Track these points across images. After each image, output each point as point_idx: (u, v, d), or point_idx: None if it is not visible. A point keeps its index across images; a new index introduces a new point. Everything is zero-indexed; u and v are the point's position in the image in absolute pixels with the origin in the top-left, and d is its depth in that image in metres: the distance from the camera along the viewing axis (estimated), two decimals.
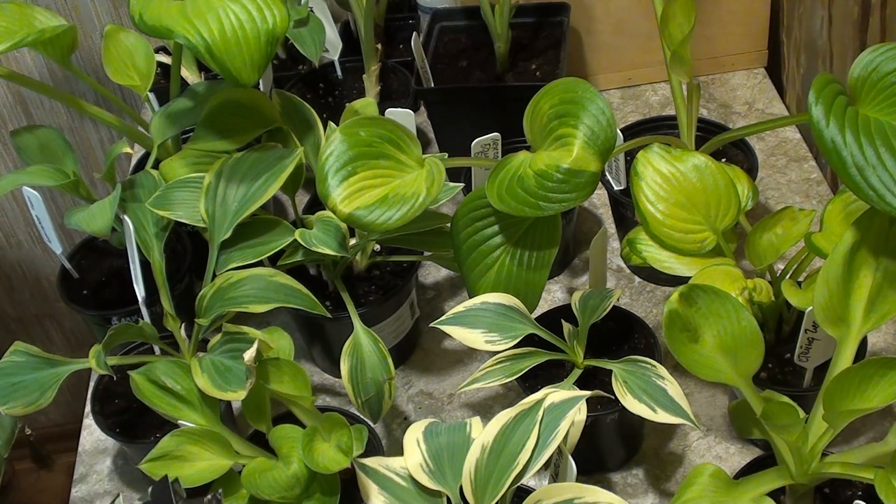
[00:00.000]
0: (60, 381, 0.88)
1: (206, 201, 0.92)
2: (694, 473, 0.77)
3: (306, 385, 0.83)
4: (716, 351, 0.77)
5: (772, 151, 1.26)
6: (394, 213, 0.82)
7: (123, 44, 1.09)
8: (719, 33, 1.35)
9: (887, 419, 0.95)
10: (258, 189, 0.91)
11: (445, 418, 1.02)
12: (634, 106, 1.37)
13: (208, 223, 0.91)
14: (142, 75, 1.08)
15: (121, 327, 0.86)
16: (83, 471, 1.03)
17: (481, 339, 0.85)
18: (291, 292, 0.88)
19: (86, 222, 0.93)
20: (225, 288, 0.88)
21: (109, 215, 0.92)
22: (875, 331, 0.86)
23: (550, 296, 1.12)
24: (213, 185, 0.92)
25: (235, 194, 0.92)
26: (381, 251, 1.05)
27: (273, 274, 0.88)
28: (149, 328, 0.89)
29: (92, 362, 0.85)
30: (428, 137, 1.33)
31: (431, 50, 1.29)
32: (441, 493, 0.74)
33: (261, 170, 0.92)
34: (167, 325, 0.91)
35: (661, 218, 0.90)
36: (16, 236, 1.74)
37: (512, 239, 0.89)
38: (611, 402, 0.87)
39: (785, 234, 0.89)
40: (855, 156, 0.70)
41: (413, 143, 0.86)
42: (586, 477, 0.93)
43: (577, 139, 0.83)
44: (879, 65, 0.73)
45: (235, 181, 0.92)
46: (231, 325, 0.87)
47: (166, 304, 0.91)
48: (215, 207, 0.92)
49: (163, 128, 1.03)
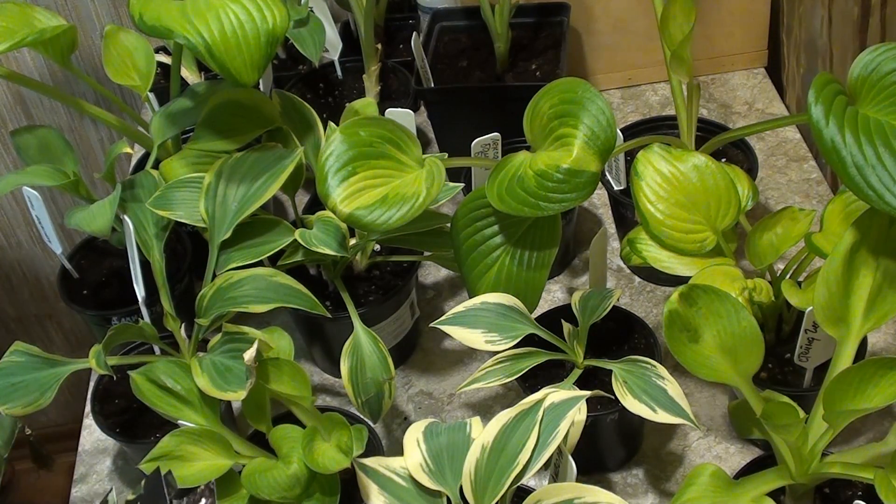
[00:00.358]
0: (60, 380, 0.88)
1: (205, 201, 0.92)
2: (694, 473, 0.77)
3: (306, 385, 0.83)
4: (716, 351, 0.77)
5: (772, 151, 1.26)
6: (394, 213, 0.82)
7: (123, 44, 1.09)
8: (719, 33, 1.36)
9: (887, 419, 0.95)
10: (258, 189, 0.91)
11: (445, 418, 1.02)
12: (634, 106, 1.37)
13: (208, 223, 0.91)
14: (142, 75, 1.08)
15: (120, 327, 0.87)
16: (83, 471, 1.03)
17: (481, 339, 0.85)
18: (291, 292, 0.88)
19: (86, 222, 0.93)
20: (225, 288, 0.88)
21: (109, 215, 0.92)
22: (875, 331, 0.86)
23: (550, 296, 1.12)
24: (213, 185, 0.92)
25: (235, 194, 0.92)
26: (381, 251, 1.05)
27: (273, 274, 0.88)
28: (149, 328, 0.89)
29: (92, 362, 0.85)
30: (428, 137, 1.33)
31: (431, 50, 1.29)
32: (441, 493, 0.74)
33: (260, 170, 0.92)
34: (167, 326, 0.91)
35: (661, 218, 0.90)
36: (16, 236, 1.74)
37: (512, 239, 0.89)
38: (611, 402, 0.87)
39: (785, 234, 0.89)
40: (854, 155, 0.70)
41: (413, 143, 0.86)
42: (586, 477, 0.93)
43: (577, 139, 0.83)
44: (879, 65, 0.73)
45: (235, 181, 0.92)
46: (231, 326, 0.87)
47: (166, 305, 0.91)
48: (215, 207, 0.92)
49: (163, 128, 1.03)
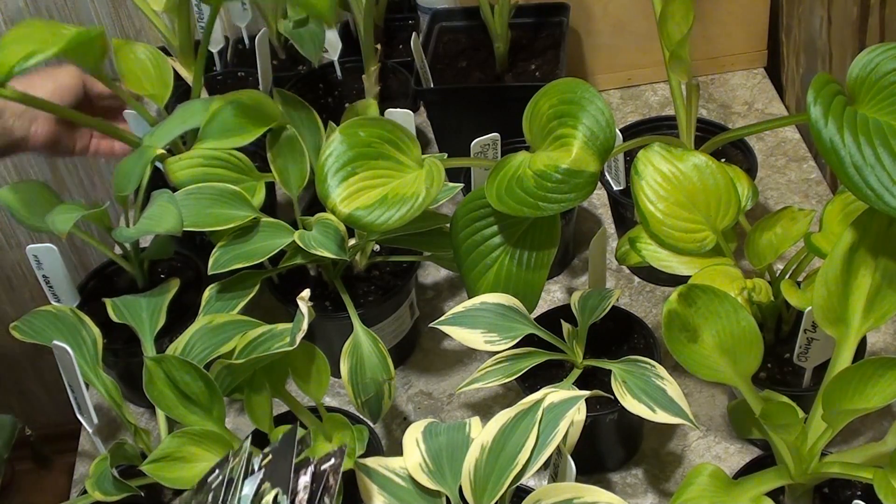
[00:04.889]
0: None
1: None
2: (693, 473, 0.77)
3: (326, 380, 0.83)
4: (715, 351, 0.77)
5: (771, 151, 1.26)
6: (393, 213, 0.82)
7: (136, 55, 1.08)
8: (719, 33, 1.36)
9: (886, 419, 0.95)
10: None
11: (445, 418, 1.02)
12: (634, 106, 1.37)
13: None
14: (162, 84, 1.08)
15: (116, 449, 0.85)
16: (83, 471, 1.03)
17: (481, 340, 0.85)
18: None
19: (153, 225, 0.91)
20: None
21: (176, 212, 0.91)
22: (874, 331, 0.86)
23: (550, 296, 1.12)
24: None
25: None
26: (381, 251, 1.05)
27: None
28: (132, 449, 0.87)
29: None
30: (428, 137, 1.33)
31: (431, 50, 1.29)
32: (440, 493, 0.74)
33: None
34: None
35: (661, 217, 0.90)
36: (16, 237, 1.74)
37: (511, 239, 0.89)
38: (610, 402, 0.87)
39: (784, 234, 0.90)
40: (853, 155, 0.70)
41: (412, 143, 0.86)
42: (585, 477, 0.93)
43: (577, 139, 0.83)
44: (878, 65, 0.73)
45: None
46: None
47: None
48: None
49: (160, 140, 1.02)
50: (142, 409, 1.08)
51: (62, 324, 0.93)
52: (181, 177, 0.98)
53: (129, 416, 0.89)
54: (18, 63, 0.87)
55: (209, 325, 0.89)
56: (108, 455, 0.83)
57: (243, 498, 0.63)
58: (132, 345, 0.98)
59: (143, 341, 0.94)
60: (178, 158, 1.00)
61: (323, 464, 0.64)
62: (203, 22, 1.32)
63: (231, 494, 0.63)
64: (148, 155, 0.97)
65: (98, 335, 0.92)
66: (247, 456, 0.66)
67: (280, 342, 0.82)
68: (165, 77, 1.08)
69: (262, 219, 0.95)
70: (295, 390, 0.91)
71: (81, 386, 0.87)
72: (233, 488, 0.64)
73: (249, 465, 0.65)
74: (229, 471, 0.65)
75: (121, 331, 0.98)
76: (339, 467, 0.64)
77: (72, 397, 0.88)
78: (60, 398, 0.92)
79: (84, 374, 0.88)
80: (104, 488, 0.82)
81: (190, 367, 0.80)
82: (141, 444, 0.89)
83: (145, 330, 0.95)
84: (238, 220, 0.93)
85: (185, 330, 0.89)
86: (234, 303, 0.95)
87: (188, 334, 0.89)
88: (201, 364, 0.85)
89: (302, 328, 0.76)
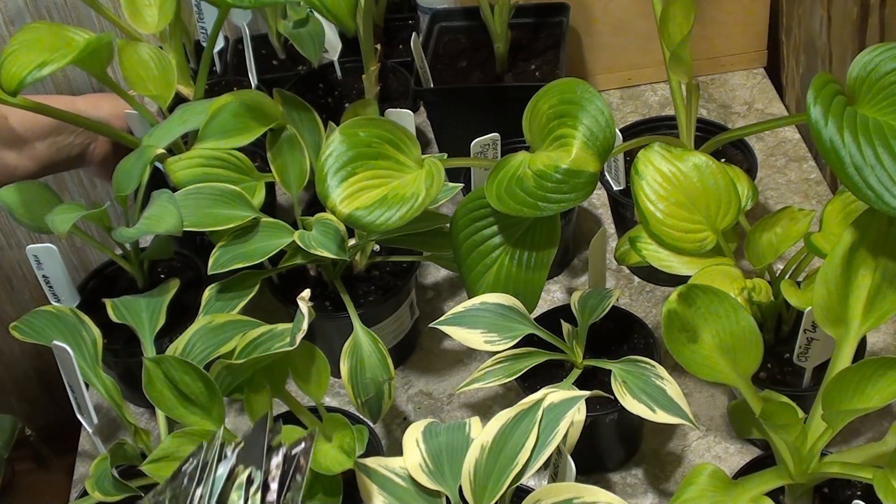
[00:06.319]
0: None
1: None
2: (693, 473, 0.77)
3: (326, 381, 0.83)
4: (715, 351, 0.77)
5: (771, 151, 1.26)
6: (393, 213, 0.82)
7: (139, 56, 1.08)
8: (718, 34, 1.36)
9: (886, 419, 0.95)
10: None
11: (445, 418, 1.02)
12: (634, 106, 1.37)
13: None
14: (165, 85, 1.08)
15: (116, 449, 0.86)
16: (83, 471, 1.03)
17: (480, 340, 0.85)
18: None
19: (153, 225, 0.91)
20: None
21: (176, 212, 0.91)
22: (874, 331, 0.86)
23: (550, 296, 1.12)
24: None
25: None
26: (381, 251, 1.05)
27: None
28: (132, 449, 0.88)
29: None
30: (427, 137, 1.33)
31: (431, 50, 1.29)
32: (440, 493, 0.75)
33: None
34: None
35: (661, 217, 0.90)
36: (16, 237, 1.74)
37: (511, 239, 0.89)
38: (610, 402, 0.87)
39: (784, 234, 0.90)
40: (853, 156, 0.70)
41: (412, 143, 0.86)
42: (585, 477, 0.93)
43: (576, 139, 0.83)
44: (878, 65, 0.73)
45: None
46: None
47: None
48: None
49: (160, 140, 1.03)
50: (142, 409, 1.08)
51: (62, 324, 0.93)
52: (181, 177, 0.98)
53: (128, 416, 0.89)
54: (31, 73, 0.87)
55: (209, 325, 0.90)
56: (108, 455, 0.83)
57: (217, 478, 0.63)
58: (132, 345, 0.98)
59: (142, 341, 0.94)
60: (178, 158, 1.00)
61: (294, 447, 0.65)
62: (203, 22, 1.32)
63: (205, 477, 0.64)
64: (148, 155, 0.97)
65: (98, 335, 0.92)
66: (220, 443, 0.66)
67: (280, 342, 0.82)
68: (169, 78, 1.08)
69: (262, 219, 0.95)
70: (295, 390, 0.91)
71: (81, 386, 0.87)
72: (206, 471, 0.64)
73: (223, 452, 0.66)
74: (202, 456, 0.66)
75: (121, 331, 0.98)
76: (309, 450, 0.65)
77: (72, 397, 0.88)
78: (60, 398, 0.92)
79: (84, 374, 0.88)
80: (104, 488, 0.82)
81: (189, 368, 0.80)
82: (141, 444, 0.89)
83: (145, 330, 0.95)
84: (238, 221, 0.93)
85: (185, 330, 0.89)
86: (234, 303, 0.95)
87: (188, 334, 0.89)
88: (201, 364, 0.85)
89: (302, 328, 0.76)
